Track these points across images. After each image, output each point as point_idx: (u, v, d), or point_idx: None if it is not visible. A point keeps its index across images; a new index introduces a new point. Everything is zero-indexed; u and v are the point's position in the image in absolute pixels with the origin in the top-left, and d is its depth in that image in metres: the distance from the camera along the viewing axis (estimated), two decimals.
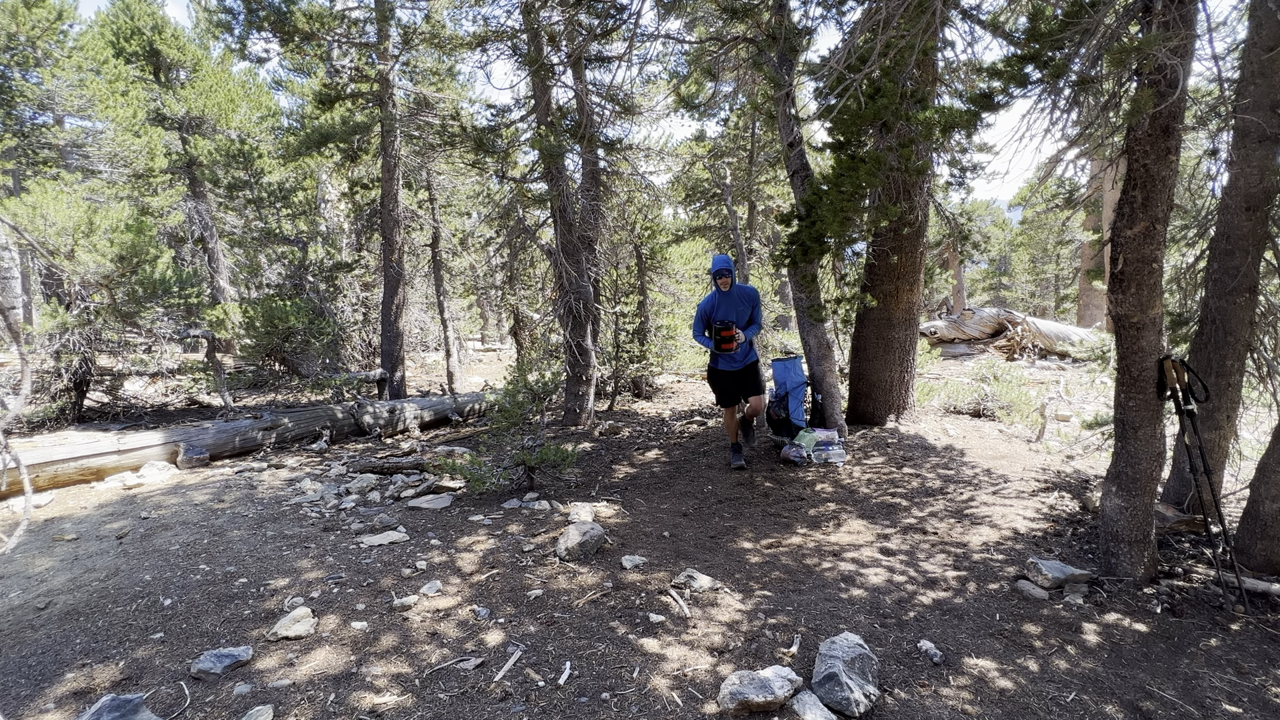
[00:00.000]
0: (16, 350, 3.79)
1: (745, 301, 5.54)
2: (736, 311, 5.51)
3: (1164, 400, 3.29)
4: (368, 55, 10.39)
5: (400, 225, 10.58)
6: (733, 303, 5.52)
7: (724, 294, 5.53)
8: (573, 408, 8.53)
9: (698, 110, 9.09)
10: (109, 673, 2.69)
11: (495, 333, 25.07)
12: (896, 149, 4.52)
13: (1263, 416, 6.78)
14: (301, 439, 7.85)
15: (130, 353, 8.60)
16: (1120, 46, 2.72)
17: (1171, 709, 2.43)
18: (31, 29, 10.31)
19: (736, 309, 5.52)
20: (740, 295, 5.53)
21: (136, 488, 5.78)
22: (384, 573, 3.71)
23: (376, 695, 2.52)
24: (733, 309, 5.51)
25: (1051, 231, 24.62)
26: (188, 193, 13.73)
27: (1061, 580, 3.37)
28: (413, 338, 14.74)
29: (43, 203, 6.82)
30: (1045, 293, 30.37)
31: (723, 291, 5.50)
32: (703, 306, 5.59)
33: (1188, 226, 4.65)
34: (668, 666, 2.72)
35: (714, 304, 5.56)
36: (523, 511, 4.89)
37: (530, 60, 7.36)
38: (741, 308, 5.53)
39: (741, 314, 5.53)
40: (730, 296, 5.52)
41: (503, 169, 8.47)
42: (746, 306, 5.55)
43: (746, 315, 5.56)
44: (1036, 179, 4.30)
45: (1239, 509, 4.27)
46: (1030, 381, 9.97)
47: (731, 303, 5.53)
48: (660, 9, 6.54)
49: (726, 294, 5.51)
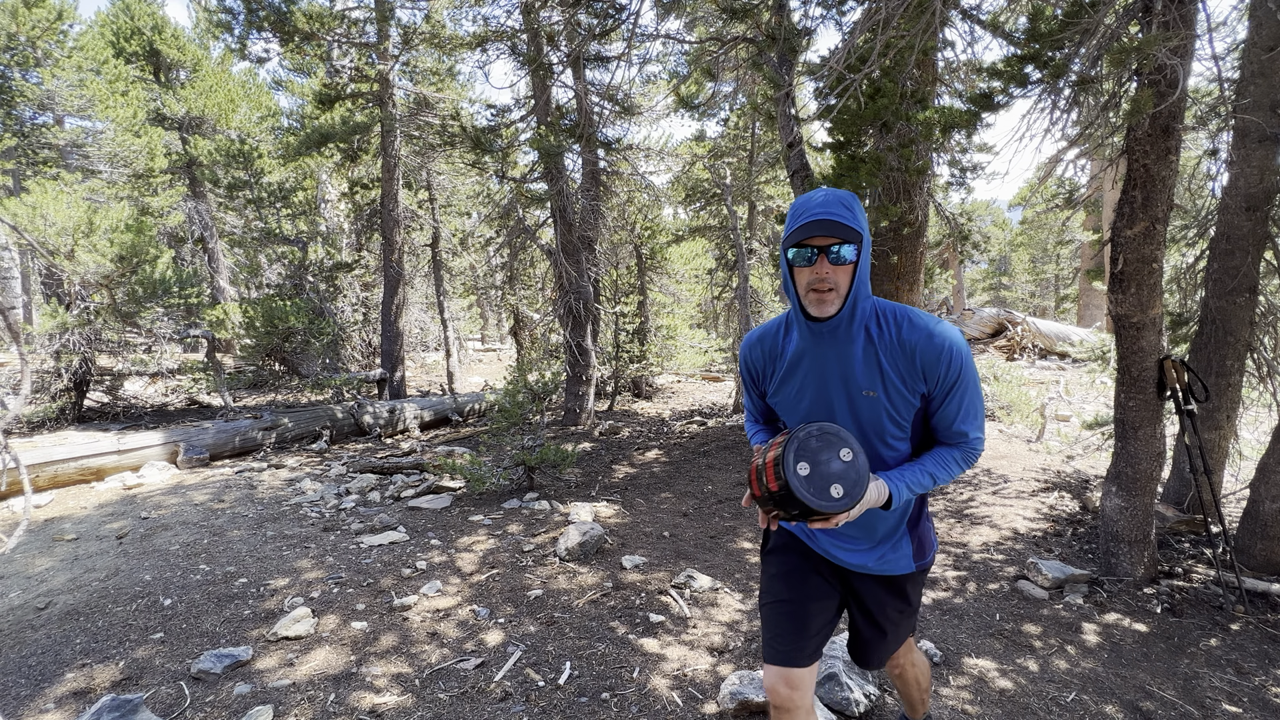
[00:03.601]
0: (16, 350, 3.80)
1: (910, 354, 1.44)
2: (872, 376, 1.47)
3: (1164, 400, 3.29)
4: (368, 55, 10.39)
5: (400, 225, 10.57)
6: (862, 352, 1.47)
7: (823, 328, 1.44)
8: (573, 408, 8.53)
9: (698, 110, 9.08)
10: (109, 673, 2.69)
11: (495, 333, 25.07)
12: (896, 149, 4.51)
13: (1263, 416, 6.78)
14: (301, 439, 7.85)
15: (130, 353, 8.60)
16: (1120, 46, 2.72)
17: (1171, 709, 2.43)
18: (31, 29, 10.30)
19: (870, 368, 1.47)
20: (894, 340, 1.45)
21: (136, 488, 5.78)
22: (384, 573, 3.71)
23: (376, 695, 2.52)
24: (865, 369, 1.47)
25: (1051, 231, 24.62)
26: (188, 193, 13.72)
27: (1061, 580, 3.37)
28: (413, 338, 14.74)
29: (43, 203, 6.82)
30: (1045, 293, 30.37)
31: (818, 297, 1.40)
32: (748, 349, 1.66)
33: (1188, 226, 4.65)
34: (668, 666, 2.72)
35: (785, 344, 1.59)
36: (523, 511, 4.89)
37: (530, 60, 7.36)
38: (898, 367, 1.46)
39: (894, 393, 1.47)
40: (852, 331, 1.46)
41: (502, 169, 8.47)
42: (909, 368, 1.45)
43: (905, 401, 1.48)
44: (1036, 179, 4.30)
45: (1239, 509, 4.27)
46: (1030, 381, 9.97)
47: (856, 352, 1.47)
48: (660, 9, 6.54)
49: (833, 329, 1.44)
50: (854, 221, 1.36)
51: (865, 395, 1.46)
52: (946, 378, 1.43)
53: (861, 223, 1.38)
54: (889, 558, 1.64)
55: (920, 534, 1.69)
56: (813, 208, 1.37)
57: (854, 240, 1.36)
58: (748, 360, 1.67)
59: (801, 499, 1.27)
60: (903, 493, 1.44)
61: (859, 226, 1.36)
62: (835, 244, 1.36)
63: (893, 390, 1.45)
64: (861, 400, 1.48)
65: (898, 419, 1.48)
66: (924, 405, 1.50)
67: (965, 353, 1.44)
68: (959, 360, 1.43)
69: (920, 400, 1.48)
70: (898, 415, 1.48)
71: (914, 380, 1.45)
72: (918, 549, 1.67)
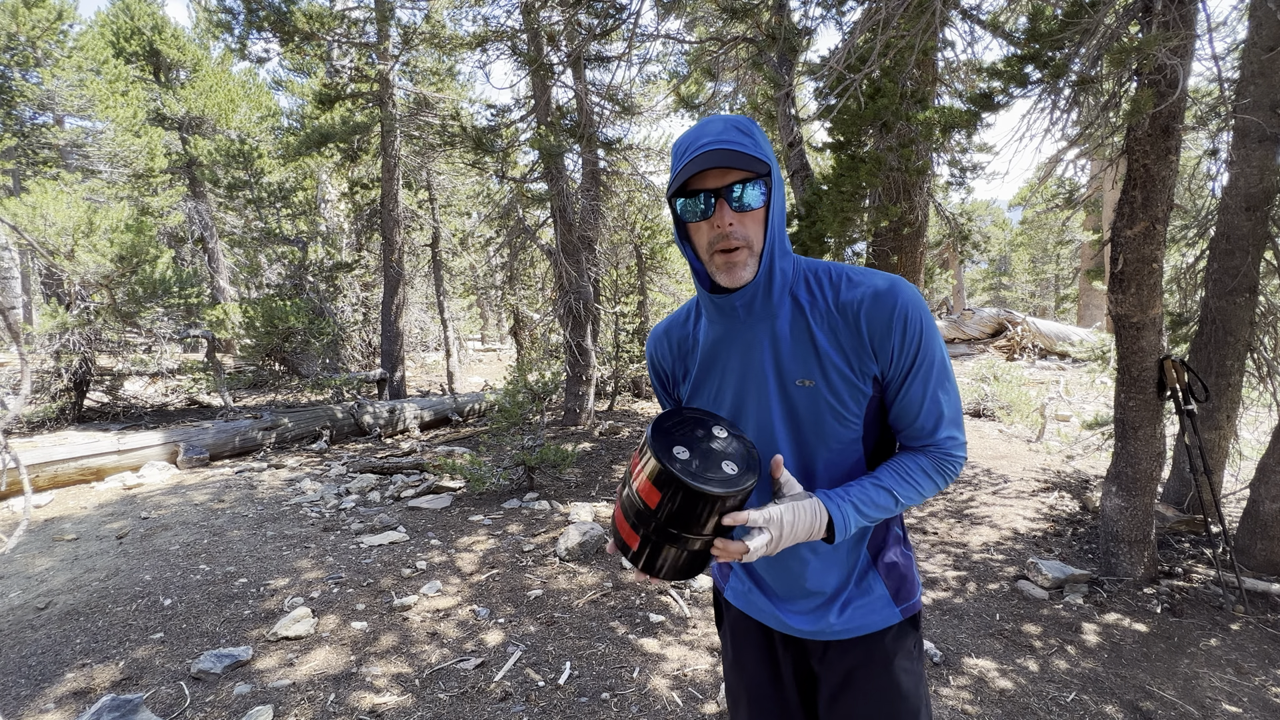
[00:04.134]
0: (16, 350, 3.79)
1: (853, 321, 1.06)
2: (805, 359, 1.09)
3: (1164, 400, 3.29)
4: (368, 55, 10.39)
5: (400, 225, 10.57)
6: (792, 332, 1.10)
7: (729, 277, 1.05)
8: (573, 408, 8.53)
9: (698, 110, 9.08)
10: (109, 673, 2.69)
11: (495, 333, 25.07)
12: (896, 149, 4.51)
13: (1263, 416, 6.78)
14: (301, 439, 7.85)
15: (130, 353, 8.61)
16: (1120, 46, 2.72)
17: (1171, 709, 2.43)
18: (31, 29, 10.31)
19: (801, 348, 1.09)
20: (831, 305, 1.08)
21: (136, 488, 5.78)
22: (384, 573, 3.71)
23: (376, 695, 2.52)
24: (795, 350, 1.10)
25: (1051, 231, 24.62)
26: (188, 193, 13.73)
27: (1061, 580, 3.37)
28: (413, 338, 14.74)
29: (43, 203, 6.82)
30: (1045, 293, 30.37)
31: (726, 260, 1.03)
32: (654, 345, 1.29)
33: (1188, 226, 4.65)
34: (668, 666, 2.72)
35: (696, 333, 1.22)
36: (523, 511, 4.89)
37: (530, 60, 7.36)
38: (838, 341, 1.08)
39: (837, 379, 1.08)
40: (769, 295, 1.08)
41: (502, 169, 8.47)
42: (854, 340, 1.07)
43: (851, 388, 1.08)
44: (1036, 179, 4.30)
45: (1239, 509, 4.27)
46: (1030, 381, 9.97)
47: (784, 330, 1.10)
48: (660, 9, 6.54)
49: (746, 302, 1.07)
50: (757, 150, 0.99)
51: (799, 386, 1.08)
52: (904, 350, 1.04)
53: (766, 151, 1.01)
54: (856, 606, 1.17)
55: (896, 566, 1.20)
56: (696, 141, 1.00)
57: (760, 176, 1.00)
58: (654, 359, 1.28)
59: (691, 485, 0.90)
60: (849, 517, 1.03)
61: (765, 156, 1.00)
62: (736, 182, 0.98)
63: (834, 375, 1.07)
64: (795, 394, 1.09)
65: (844, 414, 1.08)
66: (878, 394, 1.10)
67: (925, 315, 1.05)
68: (918, 323, 1.04)
69: (873, 386, 1.08)
70: (843, 410, 1.08)
71: (861, 357, 1.06)
72: (896, 588, 1.19)
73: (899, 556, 1.21)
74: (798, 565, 1.18)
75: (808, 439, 1.12)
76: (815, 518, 1.01)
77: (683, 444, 0.98)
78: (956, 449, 1.12)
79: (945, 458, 1.12)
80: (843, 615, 1.17)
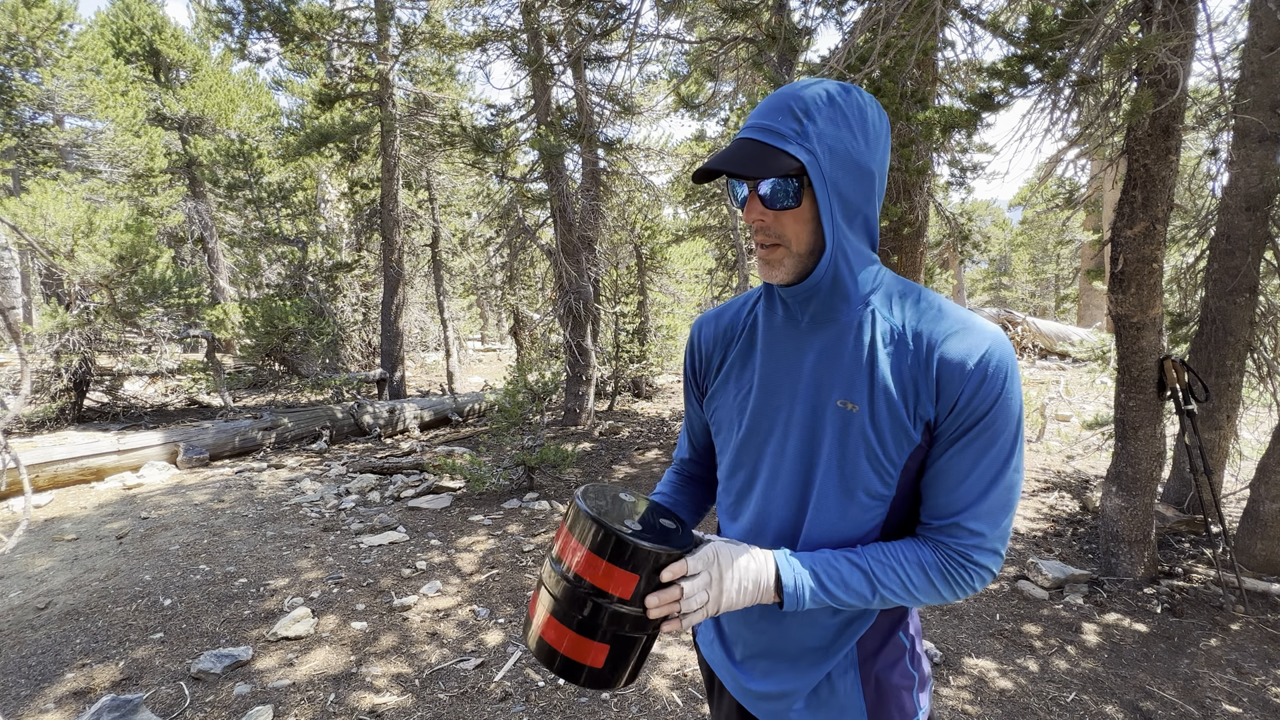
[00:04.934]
0: (16, 350, 3.79)
1: (924, 355, 0.87)
2: (853, 378, 0.90)
3: (1164, 400, 3.29)
4: (368, 55, 10.39)
5: (400, 225, 10.57)
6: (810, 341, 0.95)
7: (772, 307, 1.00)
8: (573, 408, 8.53)
9: (698, 110, 9.09)
10: (109, 673, 2.69)
11: (495, 333, 25.07)
12: (896, 149, 4.51)
13: (1263, 416, 6.78)
14: (301, 439, 7.85)
15: (130, 353, 8.60)
16: (1120, 46, 2.72)
17: (1171, 709, 2.43)
18: (31, 29, 10.31)
19: (854, 366, 0.90)
20: (903, 330, 0.90)
21: (136, 488, 5.78)
22: (384, 573, 3.71)
23: (376, 695, 2.52)
24: (846, 365, 0.91)
25: (1051, 231, 24.62)
26: (188, 193, 13.73)
27: (1061, 580, 3.37)
28: (413, 338, 14.74)
29: (43, 203, 6.82)
30: (1045, 293, 30.37)
31: (763, 255, 0.91)
32: (698, 329, 1.11)
33: (1188, 226, 4.65)
34: (668, 666, 2.72)
35: (747, 320, 1.05)
36: (523, 511, 4.89)
37: (530, 60, 7.36)
38: (900, 371, 0.88)
39: (884, 411, 0.87)
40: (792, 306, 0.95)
41: (502, 169, 8.47)
42: (920, 374, 0.87)
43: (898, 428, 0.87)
44: (1036, 179, 4.30)
45: (1239, 509, 4.27)
46: (1030, 381, 9.97)
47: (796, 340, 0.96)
48: (660, 9, 6.54)
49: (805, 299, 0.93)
50: (798, 142, 0.82)
51: (839, 407, 0.89)
52: (972, 402, 0.83)
53: (815, 142, 0.82)
54: (822, 702, 0.97)
55: (887, 677, 0.96)
56: (751, 118, 0.87)
57: (794, 171, 0.82)
58: (695, 343, 1.10)
59: (628, 541, 0.79)
60: (803, 583, 0.85)
61: (810, 146, 0.82)
62: (766, 177, 0.84)
63: (882, 405, 0.86)
64: (831, 416, 0.90)
65: (880, 458, 0.87)
66: (925, 448, 0.87)
67: (1014, 380, 0.85)
68: (1000, 381, 0.83)
69: (922, 435, 0.86)
70: (881, 452, 0.87)
71: (920, 395, 0.85)
72: (876, 703, 0.96)
73: (893, 666, 0.96)
74: (761, 618, 0.99)
75: (822, 484, 0.90)
76: (762, 567, 0.85)
77: (603, 503, 0.87)
78: (979, 554, 0.85)
79: (958, 560, 0.86)
80: (806, 712, 0.98)
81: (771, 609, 0.97)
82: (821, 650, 0.96)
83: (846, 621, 0.95)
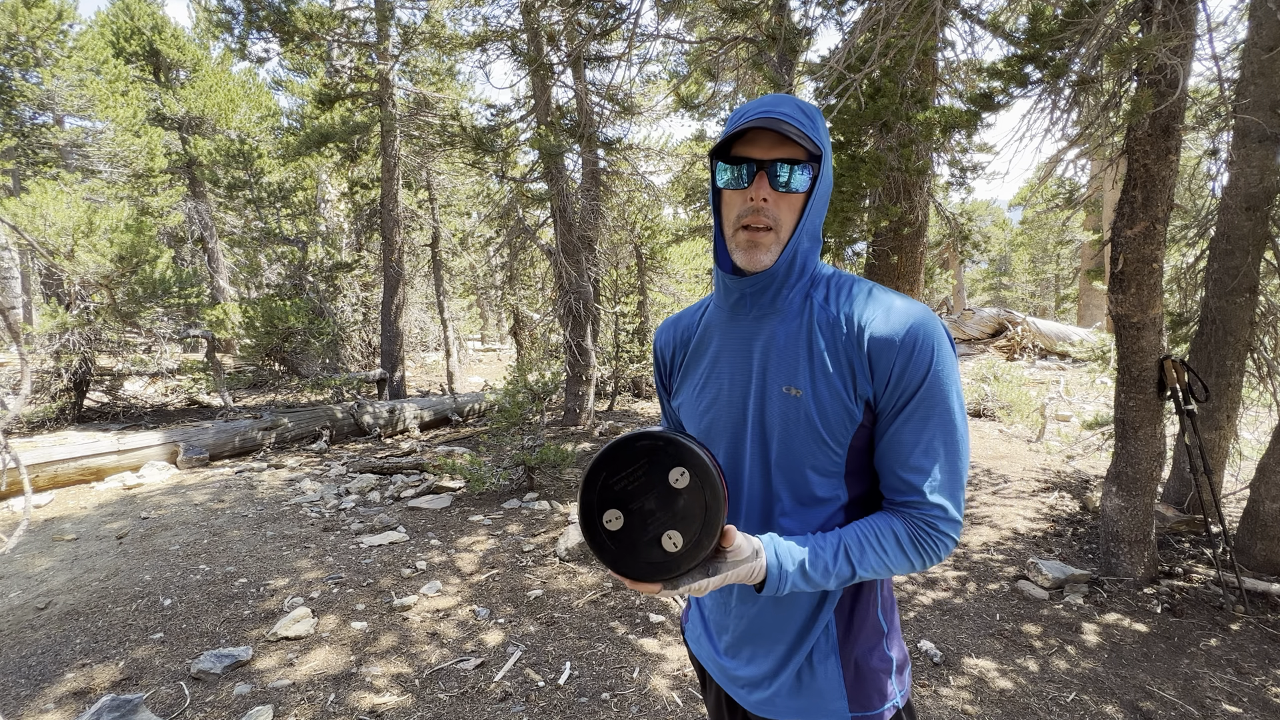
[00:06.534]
0: (16, 350, 3.80)
1: (856, 334, 0.94)
2: (795, 362, 0.97)
3: (1164, 400, 3.29)
4: (368, 55, 10.39)
5: (400, 225, 10.57)
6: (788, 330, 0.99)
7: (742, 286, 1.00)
8: (573, 408, 8.53)
9: (698, 110, 9.09)
10: (109, 673, 2.69)
11: (495, 333, 25.07)
12: (896, 149, 4.51)
13: (1263, 416, 6.78)
14: (301, 439, 7.84)
15: (130, 353, 8.60)
16: (1120, 46, 2.72)
17: (1171, 709, 2.43)
18: (31, 29, 10.30)
19: (795, 350, 0.97)
20: (838, 313, 0.96)
21: (136, 488, 5.78)
22: (384, 573, 3.71)
23: (376, 695, 2.52)
24: (787, 351, 0.98)
25: (1051, 231, 24.62)
26: (188, 193, 13.72)
27: (1061, 580, 3.37)
28: (413, 338, 14.74)
29: (43, 203, 6.82)
30: (1045, 293, 30.37)
31: (750, 238, 0.95)
32: (661, 335, 1.20)
33: (1188, 226, 4.65)
34: (668, 666, 2.72)
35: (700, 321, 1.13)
36: (523, 511, 4.89)
37: (530, 60, 7.36)
38: (836, 352, 0.95)
39: (825, 392, 0.94)
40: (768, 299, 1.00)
41: (502, 169, 8.47)
42: (854, 355, 0.94)
43: (840, 408, 0.93)
44: (1036, 179, 4.30)
45: (1239, 509, 4.27)
46: (1030, 381, 9.97)
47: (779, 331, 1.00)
48: (660, 9, 6.55)
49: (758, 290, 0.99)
50: (814, 133, 0.93)
51: (784, 393, 0.95)
52: (905, 376, 0.89)
53: (823, 138, 0.95)
54: (804, 686, 1.00)
55: (866, 661, 1.00)
56: (757, 107, 0.94)
57: (810, 162, 0.93)
58: (659, 348, 1.18)
59: (623, 572, 0.83)
60: (787, 569, 0.89)
61: (820, 142, 0.93)
62: (784, 160, 0.91)
63: (823, 387, 0.92)
64: (778, 402, 0.95)
65: (825, 438, 0.92)
66: (869, 425, 0.94)
67: (943, 352, 0.90)
68: (929, 353, 0.89)
69: (864, 413, 0.92)
70: (825, 432, 0.92)
71: (857, 374, 0.92)
72: (855, 685, 0.99)
73: (872, 647, 1.01)
74: (744, 602, 1.04)
75: (779, 460, 0.96)
76: (752, 560, 0.88)
77: (618, 504, 0.83)
78: (943, 524, 0.91)
79: (926, 530, 0.91)
80: (790, 695, 1.01)
81: (748, 592, 1.02)
82: (800, 629, 1.00)
83: (820, 597, 0.99)
